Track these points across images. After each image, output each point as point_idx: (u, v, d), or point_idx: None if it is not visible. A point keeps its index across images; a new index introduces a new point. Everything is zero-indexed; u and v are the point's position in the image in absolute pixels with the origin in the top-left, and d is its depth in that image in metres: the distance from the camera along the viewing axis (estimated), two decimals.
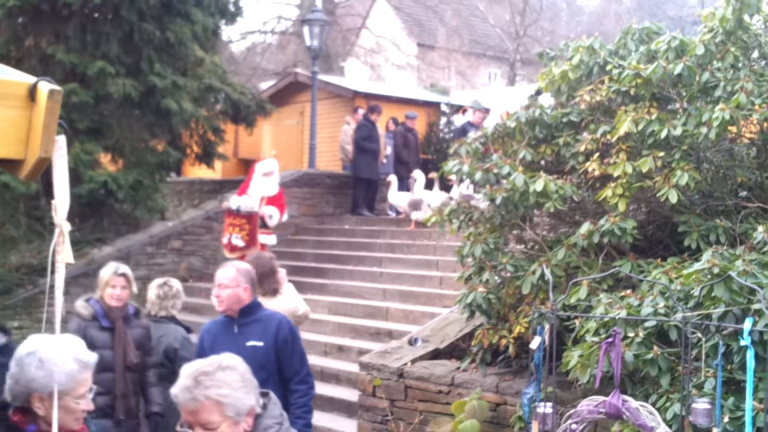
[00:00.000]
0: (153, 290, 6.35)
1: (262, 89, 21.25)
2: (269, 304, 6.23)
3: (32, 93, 2.77)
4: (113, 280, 5.98)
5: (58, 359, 2.82)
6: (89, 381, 2.91)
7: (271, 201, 11.54)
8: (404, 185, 14.52)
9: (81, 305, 6.00)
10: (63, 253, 3.09)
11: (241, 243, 11.36)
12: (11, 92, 2.76)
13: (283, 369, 5.16)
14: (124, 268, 6.11)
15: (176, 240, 14.00)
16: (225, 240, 11.57)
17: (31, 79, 2.82)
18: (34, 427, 2.84)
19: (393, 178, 14.50)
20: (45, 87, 2.76)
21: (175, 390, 2.68)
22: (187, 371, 2.70)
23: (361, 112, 16.40)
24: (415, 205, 13.47)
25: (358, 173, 15.44)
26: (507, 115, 13.37)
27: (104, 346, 5.73)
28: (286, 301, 6.44)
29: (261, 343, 5.10)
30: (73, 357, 2.87)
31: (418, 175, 13.94)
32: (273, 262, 6.54)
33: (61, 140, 2.92)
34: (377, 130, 15.59)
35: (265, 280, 6.31)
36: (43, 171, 2.94)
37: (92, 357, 2.95)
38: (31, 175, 2.87)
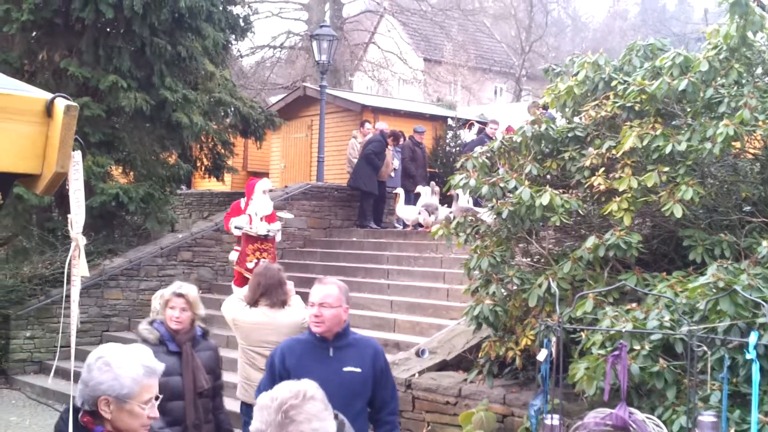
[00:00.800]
0: (156, 300, 6.38)
1: (271, 103, 21.41)
2: (277, 316, 6.30)
3: (49, 109, 2.80)
4: (172, 301, 5.56)
5: (123, 363, 2.89)
6: (154, 388, 2.94)
7: (269, 219, 11.66)
8: (411, 199, 14.66)
9: (146, 329, 5.58)
10: (78, 267, 3.12)
11: None
12: (28, 108, 2.79)
13: (375, 398, 4.70)
14: (187, 288, 5.65)
15: (186, 251, 14.11)
16: (251, 265, 11.35)
17: (47, 95, 2.86)
18: (101, 428, 2.91)
19: (400, 191, 14.62)
20: (61, 103, 2.80)
21: (262, 426, 2.45)
22: (269, 402, 2.47)
23: (367, 126, 16.50)
24: (430, 209, 13.63)
25: (358, 184, 15.50)
26: (508, 131, 13.58)
27: (172, 372, 5.26)
28: (294, 313, 6.47)
29: (359, 370, 4.63)
30: (139, 362, 2.92)
31: (422, 190, 14.23)
32: (281, 273, 6.54)
33: (77, 155, 2.96)
34: (386, 151, 15.62)
35: (273, 292, 6.32)
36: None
37: (159, 365, 2.99)
38: (47, 190, 2.91)
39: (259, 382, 4.54)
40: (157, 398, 2.96)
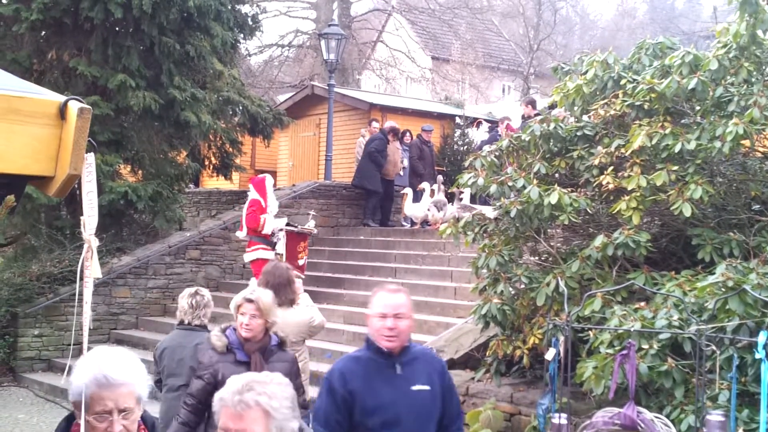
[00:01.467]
0: (185, 300, 6.40)
1: (280, 102, 21.44)
2: (286, 315, 6.32)
3: (62, 111, 2.82)
4: (243, 306, 5.18)
5: (78, 370, 2.73)
6: (110, 400, 2.70)
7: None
8: (419, 197, 14.71)
9: (215, 336, 5.22)
10: (91, 268, 3.14)
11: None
12: (42, 111, 2.80)
13: (443, 416, 4.23)
14: (259, 293, 5.28)
15: (194, 250, 14.14)
16: (302, 262, 11.95)
17: (61, 97, 2.88)
18: None
19: (408, 191, 14.64)
20: (75, 106, 2.82)
21: (221, 393, 2.47)
22: (237, 379, 2.51)
23: (375, 125, 16.51)
24: (439, 205, 13.68)
25: (362, 183, 15.56)
26: (508, 129, 13.60)
27: None
28: (303, 311, 6.50)
29: (428, 387, 4.14)
30: (93, 370, 2.71)
31: (426, 186, 14.36)
32: (290, 272, 6.56)
33: (90, 157, 2.96)
34: (388, 149, 15.61)
35: (282, 291, 6.35)
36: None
37: (117, 376, 2.73)
38: (60, 192, 2.91)
39: (317, 409, 4.14)
40: (122, 411, 2.72)
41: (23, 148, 2.73)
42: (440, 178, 14.80)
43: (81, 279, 3.11)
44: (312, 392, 7.49)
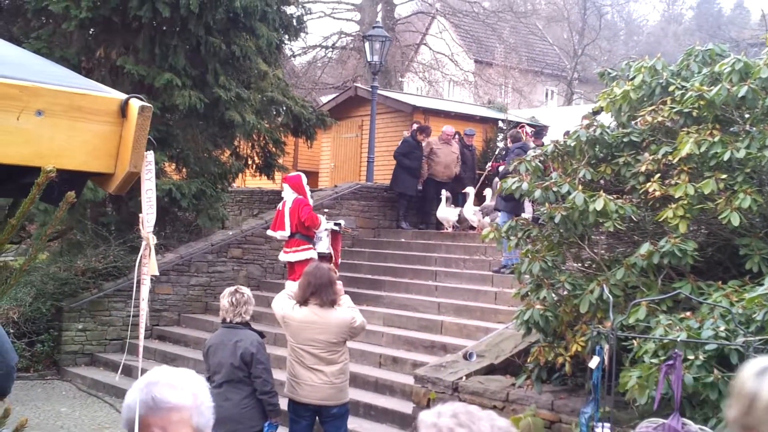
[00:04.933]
0: (226, 298, 6.49)
1: (323, 103, 21.52)
2: (327, 315, 6.37)
3: (123, 109, 2.85)
4: None
5: (130, 393, 2.42)
6: (156, 427, 2.35)
7: None
8: (460, 200, 14.72)
9: None
10: (149, 265, 3.17)
11: None
12: (103, 108, 2.84)
13: None
14: None
15: (236, 248, 14.26)
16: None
17: (122, 95, 2.90)
18: None
19: (443, 194, 14.64)
20: (136, 104, 2.84)
21: None
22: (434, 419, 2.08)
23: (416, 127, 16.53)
24: (486, 210, 13.68)
25: (393, 185, 15.72)
26: (521, 129, 13.58)
27: None
28: (344, 312, 6.54)
29: None
30: (141, 394, 2.38)
31: (469, 190, 14.41)
32: (331, 273, 6.61)
33: (150, 155, 3.00)
34: (421, 149, 15.60)
35: (323, 292, 6.42)
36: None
37: (167, 399, 2.37)
38: (120, 189, 2.92)
39: None
40: None
41: (84, 145, 2.76)
42: (445, 192, 14.78)
43: (138, 276, 3.14)
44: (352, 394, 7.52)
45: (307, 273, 6.59)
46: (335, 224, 11.88)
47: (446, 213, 14.52)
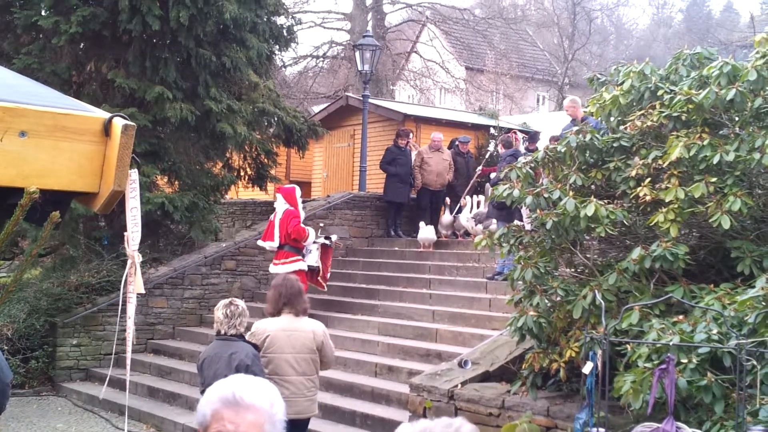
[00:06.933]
0: (220, 310, 6.50)
1: (314, 113, 21.52)
2: (299, 323, 6.53)
3: (107, 128, 2.87)
4: None
5: (209, 392, 2.44)
6: (230, 423, 2.32)
7: None
8: (454, 208, 14.72)
9: None
10: (135, 283, 3.17)
11: None
12: (87, 127, 2.86)
13: None
14: None
15: (229, 260, 14.25)
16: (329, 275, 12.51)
17: (105, 114, 2.92)
18: None
19: (446, 201, 14.67)
20: (119, 122, 2.87)
21: None
22: None
23: (410, 136, 16.52)
24: (479, 218, 13.67)
25: (384, 196, 15.76)
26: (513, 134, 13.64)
27: None
28: (313, 322, 6.72)
29: None
30: (223, 390, 2.39)
31: (467, 198, 14.44)
32: (300, 283, 6.79)
33: (134, 174, 3.00)
34: (407, 154, 15.58)
35: (296, 301, 6.57)
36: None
37: (247, 398, 2.36)
38: (105, 208, 2.95)
39: None
40: None
41: (69, 165, 2.77)
42: (447, 200, 14.85)
43: (124, 293, 3.14)
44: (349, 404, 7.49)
45: (276, 285, 6.74)
46: (326, 238, 11.90)
47: (424, 232, 14.39)
